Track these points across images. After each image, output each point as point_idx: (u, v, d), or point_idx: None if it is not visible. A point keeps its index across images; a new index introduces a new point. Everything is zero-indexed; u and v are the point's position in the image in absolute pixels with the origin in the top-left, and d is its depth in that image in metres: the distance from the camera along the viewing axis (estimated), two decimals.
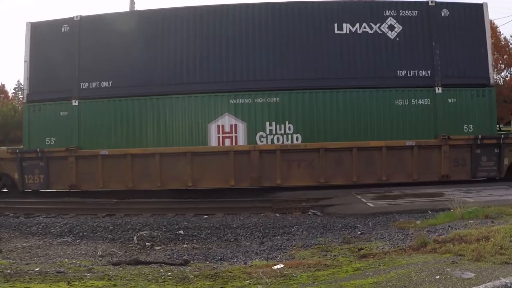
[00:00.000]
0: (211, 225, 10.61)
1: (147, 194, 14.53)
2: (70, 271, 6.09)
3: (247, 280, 5.60)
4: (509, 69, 50.70)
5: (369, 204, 11.93)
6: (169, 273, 5.97)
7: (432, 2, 14.81)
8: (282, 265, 6.37)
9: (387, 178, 14.32)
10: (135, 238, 9.37)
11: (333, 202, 12.52)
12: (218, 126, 14.67)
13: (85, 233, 10.19)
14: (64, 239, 9.64)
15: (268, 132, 14.60)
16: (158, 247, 8.83)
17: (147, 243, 9.03)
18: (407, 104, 14.58)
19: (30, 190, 15.29)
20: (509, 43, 50.05)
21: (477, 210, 8.81)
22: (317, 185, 14.37)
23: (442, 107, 14.55)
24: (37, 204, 13.59)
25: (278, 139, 14.57)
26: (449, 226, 8.13)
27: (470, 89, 14.61)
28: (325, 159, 14.25)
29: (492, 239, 6.24)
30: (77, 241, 9.51)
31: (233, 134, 14.63)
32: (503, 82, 51.51)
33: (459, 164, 14.50)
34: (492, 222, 7.91)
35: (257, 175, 14.33)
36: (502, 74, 51.84)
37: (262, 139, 14.58)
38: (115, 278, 5.66)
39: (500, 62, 50.08)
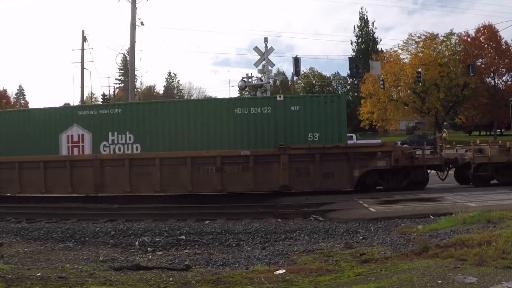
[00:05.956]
0: (213, 230, 10.60)
1: None
2: (71, 276, 6.09)
3: (248, 285, 5.60)
4: (510, 73, 50.60)
5: (370, 209, 11.91)
6: (171, 279, 5.97)
7: None
8: (284, 270, 6.36)
9: None
10: (136, 243, 9.37)
11: (335, 207, 12.51)
12: None
13: (86, 239, 10.19)
14: (66, 244, 9.64)
15: None
16: (160, 252, 8.82)
17: (148, 248, 9.02)
18: None
19: None
20: (511, 47, 49.95)
21: (479, 215, 8.80)
22: None
23: None
24: (38, 209, 13.63)
25: None
26: (451, 230, 8.11)
27: None
28: None
29: (494, 244, 6.24)
30: (79, 246, 9.51)
31: None
32: (504, 86, 51.33)
33: None
34: (494, 226, 7.90)
35: None
36: (504, 78, 51.72)
37: None
38: (116, 283, 5.66)
39: (502, 66, 50.02)
